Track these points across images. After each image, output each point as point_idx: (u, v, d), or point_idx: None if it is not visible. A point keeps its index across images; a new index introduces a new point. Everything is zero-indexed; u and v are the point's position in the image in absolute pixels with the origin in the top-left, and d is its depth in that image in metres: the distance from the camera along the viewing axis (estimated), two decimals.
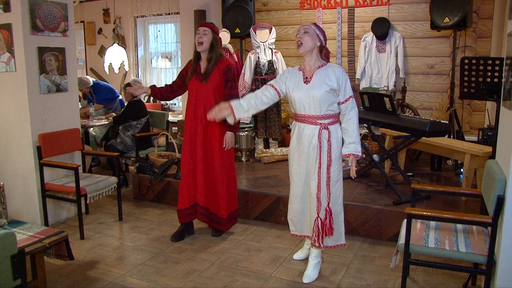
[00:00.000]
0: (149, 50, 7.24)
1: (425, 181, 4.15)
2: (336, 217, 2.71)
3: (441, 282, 2.76)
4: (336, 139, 2.66)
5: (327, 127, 2.62)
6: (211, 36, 3.22)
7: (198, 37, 3.21)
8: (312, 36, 2.60)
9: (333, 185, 2.68)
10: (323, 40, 2.65)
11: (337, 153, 2.67)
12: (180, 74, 3.46)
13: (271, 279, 2.84)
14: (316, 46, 2.62)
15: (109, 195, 3.86)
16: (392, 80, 5.11)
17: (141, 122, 4.95)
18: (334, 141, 2.64)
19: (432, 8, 4.48)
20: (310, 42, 2.59)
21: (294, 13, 5.68)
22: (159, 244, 3.41)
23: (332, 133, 2.64)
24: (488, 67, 3.02)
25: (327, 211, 2.67)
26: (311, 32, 2.60)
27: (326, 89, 2.58)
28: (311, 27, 2.62)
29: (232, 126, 3.23)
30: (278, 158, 4.97)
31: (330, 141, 2.63)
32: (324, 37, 2.66)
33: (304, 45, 2.60)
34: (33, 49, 3.57)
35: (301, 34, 2.61)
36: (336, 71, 2.61)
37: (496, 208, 2.13)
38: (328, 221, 2.67)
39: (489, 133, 4.26)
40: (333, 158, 2.65)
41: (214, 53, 3.25)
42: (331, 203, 2.68)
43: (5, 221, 2.70)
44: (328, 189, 2.66)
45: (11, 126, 3.70)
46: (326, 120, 2.63)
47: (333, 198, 2.68)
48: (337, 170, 2.69)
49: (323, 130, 2.62)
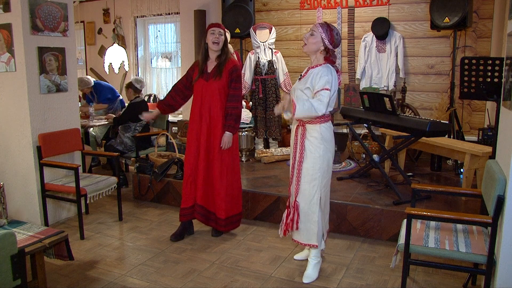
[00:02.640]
0: (149, 50, 7.24)
1: (425, 181, 4.15)
2: (305, 215, 2.71)
3: (441, 282, 2.76)
4: (314, 138, 2.64)
5: (304, 125, 2.68)
6: (224, 38, 3.31)
7: (215, 38, 3.24)
8: (317, 39, 2.62)
9: (303, 182, 2.68)
10: (329, 44, 2.62)
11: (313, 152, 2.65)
12: (187, 73, 3.47)
13: (271, 279, 2.84)
14: (320, 49, 2.64)
15: (109, 195, 3.86)
16: (392, 80, 5.11)
17: (141, 124, 4.93)
18: (307, 141, 2.65)
19: (432, 8, 4.48)
20: (312, 45, 2.64)
21: (294, 13, 5.68)
22: (159, 244, 3.41)
23: (308, 131, 2.66)
24: (488, 67, 3.02)
25: (294, 204, 2.72)
26: (316, 35, 2.62)
27: (302, 88, 2.64)
28: (319, 29, 2.62)
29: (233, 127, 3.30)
30: (278, 158, 4.97)
31: (303, 138, 2.67)
32: (332, 41, 2.61)
33: (307, 46, 2.66)
34: (33, 49, 3.57)
35: (308, 35, 2.66)
36: (320, 70, 2.59)
37: (496, 208, 2.13)
38: (293, 216, 2.71)
39: (489, 133, 4.26)
40: (304, 156, 2.66)
41: (223, 53, 3.31)
42: (299, 198, 2.71)
43: (5, 221, 2.70)
44: (297, 184, 2.70)
45: (11, 126, 3.70)
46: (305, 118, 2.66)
47: (302, 195, 2.70)
48: (311, 168, 2.66)
49: (300, 127, 2.70)
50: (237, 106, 3.33)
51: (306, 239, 2.76)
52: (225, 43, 3.32)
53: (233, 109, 3.31)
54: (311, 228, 2.72)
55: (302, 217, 2.72)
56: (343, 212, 3.53)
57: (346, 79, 5.50)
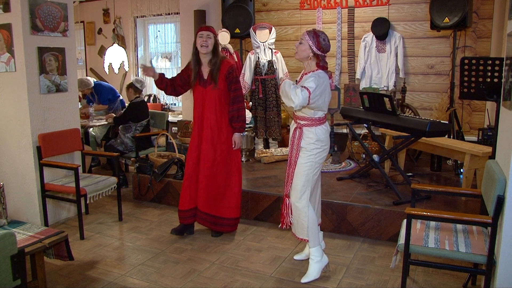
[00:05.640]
0: (149, 50, 7.24)
1: (425, 181, 4.15)
2: (296, 210, 2.80)
3: (441, 282, 2.76)
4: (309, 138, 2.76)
5: (301, 128, 2.79)
6: (213, 41, 3.27)
7: (203, 41, 3.22)
8: (305, 46, 2.74)
9: (296, 178, 2.79)
10: (317, 50, 2.72)
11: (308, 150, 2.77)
12: (180, 75, 3.46)
13: (271, 279, 2.84)
14: (309, 55, 2.75)
15: (109, 195, 3.86)
16: (392, 80, 5.11)
17: (142, 125, 4.93)
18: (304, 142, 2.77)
19: (432, 8, 4.48)
20: (302, 52, 2.77)
21: (294, 13, 5.68)
22: (159, 244, 3.41)
23: (304, 133, 2.78)
24: (488, 67, 3.02)
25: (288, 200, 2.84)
26: (304, 43, 2.74)
27: None
28: (306, 37, 2.74)
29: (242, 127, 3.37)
30: (278, 158, 4.97)
31: (299, 140, 2.78)
32: (318, 47, 2.71)
33: (298, 53, 2.80)
34: (33, 49, 3.57)
35: (297, 43, 2.80)
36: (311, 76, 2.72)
37: (496, 208, 2.13)
38: (287, 210, 2.85)
39: (489, 133, 4.26)
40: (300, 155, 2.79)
41: (216, 57, 3.29)
42: (291, 195, 2.82)
43: (5, 221, 2.71)
44: (291, 181, 2.82)
45: (11, 126, 3.70)
46: (302, 121, 2.80)
47: (293, 190, 2.81)
48: (303, 164, 2.77)
49: (298, 129, 2.81)
50: (241, 107, 3.36)
51: (300, 233, 2.83)
52: (215, 47, 3.28)
53: (238, 111, 3.34)
54: (301, 222, 2.80)
55: (294, 212, 2.82)
56: (343, 212, 3.53)
57: (346, 79, 5.50)
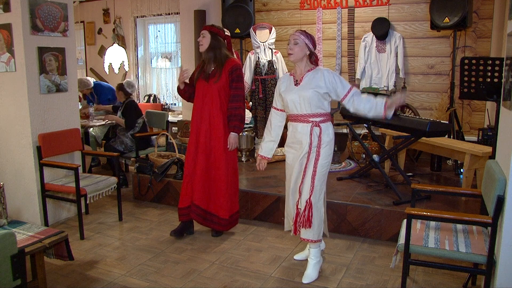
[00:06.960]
0: (149, 50, 7.24)
1: (425, 181, 4.15)
2: (317, 211, 2.77)
3: (441, 282, 2.76)
4: (327, 135, 2.78)
5: (318, 125, 2.76)
6: (209, 38, 3.30)
7: (199, 40, 3.35)
8: (302, 46, 2.75)
9: (317, 179, 2.76)
10: (312, 48, 2.78)
11: (326, 149, 2.78)
12: (191, 79, 3.52)
13: (271, 279, 2.84)
14: (306, 54, 2.77)
15: (109, 195, 3.86)
16: (392, 80, 5.11)
17: (140, 123, 4.95)
18: (325, 137, 2.76)
19: (432, 8, 4.48)
20: (299, 52, 2.76)
21: (294, 13, 5.68)
22: (159, 244, 3.41)
23: (323, 129, 2.77)
24: (488, 67, 3.02)
25: (307, 203, 2.75)
26: (300, 43, 2.75)
27: (314, 89, 2.73)
28: (301, 37, 2.75)
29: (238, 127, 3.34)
30: (278, 158, 4.96)
31: (320, 136, 2.75)
32: (313, 44, 2.79)
33: (294, 55, 2.77)
34: (33, 49, 3.57)
35: (292, 45, 2.77)
36: (325, 75, 2.75)
37: (496, 208, 2.13)
38: (307, 213, 2.75)
39: (489, 133, 4.26)
40: (321, 152, 2.76)
41: (215, 53, 3.31)
42: (313, 196, 2.76)
43: (5, 221, 2.70)
44: (312, 183, 2.75)
45: (11, 126, 3.70)
46: (317, 118, 2.76)
47: (315, 192, 2.76)
48: (325, 165, 2.78)
49: (314, 127, 2.76)
50: (240, 106, 3.34)
51: (318, 235, 2.80)
52: (213, 44, 3.30)
53: (236, 110, 3.33)
54: (321, 223, 2.81)
55: (315, 213, 2.77)
56: (343, 212, 3.53)
57: (346, 79, 5.49)
